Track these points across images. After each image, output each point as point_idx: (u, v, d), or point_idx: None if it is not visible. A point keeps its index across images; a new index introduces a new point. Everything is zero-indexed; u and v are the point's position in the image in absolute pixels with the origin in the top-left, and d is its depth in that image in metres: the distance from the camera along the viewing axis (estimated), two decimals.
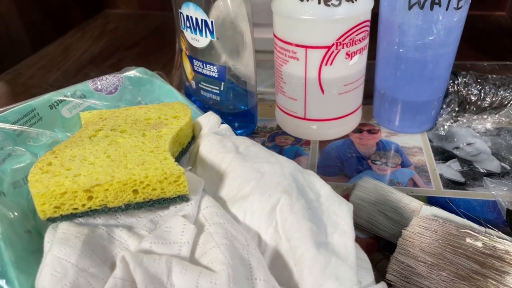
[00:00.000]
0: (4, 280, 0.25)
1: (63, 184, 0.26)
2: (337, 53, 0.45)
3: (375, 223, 0.38)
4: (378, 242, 0.39)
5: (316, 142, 0.52)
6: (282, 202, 0.27)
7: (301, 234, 0.26)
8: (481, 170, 0.46)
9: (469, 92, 0.51)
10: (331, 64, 0.45)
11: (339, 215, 0.28)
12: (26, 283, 0.25)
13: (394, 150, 0.50)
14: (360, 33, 0.45)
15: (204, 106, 0.53)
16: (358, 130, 0.54)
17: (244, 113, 0.54)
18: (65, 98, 0.40)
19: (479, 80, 0.51)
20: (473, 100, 0.51)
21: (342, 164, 0.48)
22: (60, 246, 0.24)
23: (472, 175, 0.46)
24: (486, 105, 0.51)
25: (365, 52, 0.48)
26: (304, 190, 0.29)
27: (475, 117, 0.52)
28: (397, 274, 0.33)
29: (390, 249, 0.37)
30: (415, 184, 0.45)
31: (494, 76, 0.52)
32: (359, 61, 0.47)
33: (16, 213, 0.30)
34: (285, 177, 0.29)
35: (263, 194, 0.28)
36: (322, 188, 0.30)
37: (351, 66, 0.46)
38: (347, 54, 0.45)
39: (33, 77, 0.75)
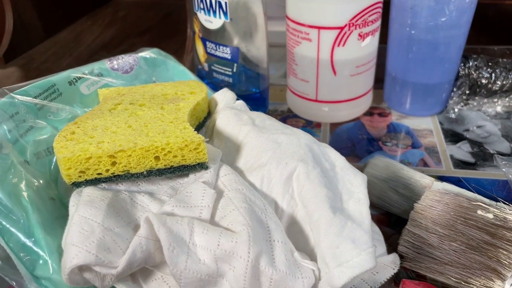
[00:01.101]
0: (32, 240, 0.26)
1: (88, 149, 0.27)
2: (350, 34, 0.45)
3: (387, 200, 0.39)
4: (389, 218, 0.39)
5: (327, 125, 0.52)
6: (298, 170, 0.28)
7: (318, 200, 0.27)
8: (491, 151, 0.47)
9: (480, 75, 0.51)
10: (343, 45, 0.46)
11: (354, 184, 0.29)
12: (53, 244, 0.26)
13: (405, 132, 0.51)
14: (373, 14, 0.45)
15: (217, 89, 0.54)
16: (369, 113, 0.54)
17: (255, 96, 0.54)
18: (83, 76, 0.41)
19: (490, 64, 0.52)
20: (483, 83, 0.51)
21: (353, 146, 0.49)
22: (86, 207, 0.25)
23: (482, 156, 0.46)
24: (497, 88, 0.52)
25: (377, 34, 0.48)
26: (319, 160, 0.30)
27: (485, 100, 0.52)
28: (409, 246, 0.33)
29: (400, 224, 0.38)
30: (425, 165, 0.46)
31: (505, 60, 0.52)
32: (371, 43, 0.47)
33: (41, 181, 0.30)
34: (301, 147, 0.30)
35: (280, 163, 0.29)
36: (337, 159, 0.31)
37: (363, 48, 0.47)
38: (359, 35, 0.46)
39: (46, 62, 0.76)
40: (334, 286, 0.24)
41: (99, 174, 0.28)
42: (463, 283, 0.31)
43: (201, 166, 0.29)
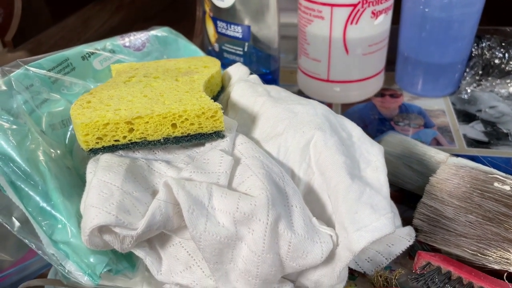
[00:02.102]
0: (50, 204, 0.26)
1: (105, 116, 0.27)
2: (363, 11, 0.45)
3: (401, 176, 0.39)
4: (403, 195, 0.39)
5: (338, 106, 0.52)
6: (316, 138, 0.28)
7: (336, 166, 0.27)
8: (505, 131, 0.46)
9: (493, 55, 0.51)
10: (356, 23, 0.45)
11: (371, 153, 0.29)
12: (71, 208, 0.26)
13: (417, 112, 0.50)
14: None
15: None
16: (380, 94, 0.54)
17: (266, 77, 0.54)
18: (96, 51, 0.41)
19: (503, 44, 0.51)
20: (496, 64, 0.51)
21: (365, 126, 0.49)
22: (105, 172, 0.25)
23: (496, 135, 0.46)
24: (510, 69, 0.51)
25: (390, 12, 0.48)
26: (336, 129, 0.30)
27: (498, 81, 0.52)
28: (424, 218, 0.33)
29: (414, 201, 0.37)
30: (438, 144, 0.45)
31: None
32: (384, 21, 0.47)
33: (58, 151, 0.31)
34: (318, 116, 0.30)
35: (297, 131, 0.29)
36: (353, 129, 0.30)
37: (376, 26, 0.47)
38: (372, 13, 0.45)
39: (54, 46, 0.76)
40: (353, 250, 0.24)
41: (116, 140, 0.28)
42: (479, 255, 0.31)
43: (218, 134, 0.29)
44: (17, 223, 0.25)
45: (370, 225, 0.24)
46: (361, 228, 0.24)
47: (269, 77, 0.54)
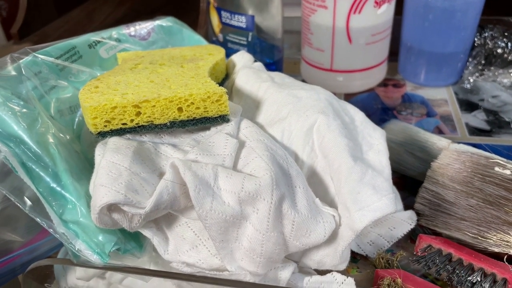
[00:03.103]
0: (61, 184, 0.27)
1: (113, 99, 0.28)
2: (366, 1, 0.45)
3: (403, 163, 0.39)
4: (405, 182, 0.40)
5: (341, 95, 0.53)
6: (319, 122, 0.29)
7: (338, 149, 0.27)
8: (507, 119, 0.47)
9: (496, 45, 0.51)
10: (359, 12, 0.46)
11: (374, 137, 0.30)
12: (81, 189, 0.27)
13: (420, 101, 0.51)
14: None
15: None
16: (383, 84, 0.54)
17: (270, 67, 0.54)
18: (102, 40, 0.41)
19: (505, 34, 0.51)
20: (499, 53, 0.51)
21: (368, 115, 0.48)
22: (113, 153, 0.26)
23: (498, 123, 0.46)
24: None
25: (393, 2, 0.48)
26: (339, 114, 0.30)
27: (500, 71, 0.52)
28: (426, 202, 0.34)
29: (416, 187, 0.38)
30: (440, 132, 0.46)
31: None
32: (387, 11, 0.47)
33: (67, 136, 0.31)
34: (321, 100, 0.30)
35: (301, 115, 0.29)
36: (356, 114, 0.31)
37: (379, 16, 0.47)
38: (376, 2, 0.45)
39: (59, 39, 0.76)
40: (355, 229, 0.25)
41: (124, 124, 0.28)
42: (479, 238, 0.31)
43: (223, 118, 0.29)
44: (29, 202, 0.26)
45: (372, 204, 0.25)
46: (363, 207, 0.25)
47: (273, 68, 0.54)
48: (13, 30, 0.77)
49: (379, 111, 0.50)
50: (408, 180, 0.40)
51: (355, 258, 0.33)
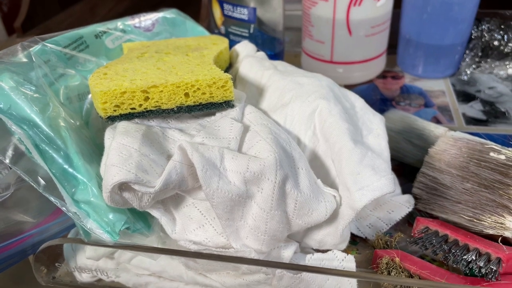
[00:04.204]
0: (73, 165, 0.28)
1: (122, 84, 0.29)
2: None
3: (401, 151, 0.40)
4: (403, 169, 0.41)
5: (341, 87, 0.54)
6: (321, 107, 0.30)
7: (339, 132, 0.28)
8: (503, 110, 0.48)
9: (492, 37, 0.52)
10: (359, 4, 0.47)
11: (373, 122, 0.31)
12: (92, 170, 0.28)
13: (418, 93, 0.52)
14: None
15: None
16: (382, 76, 0.55)
17: (271, 59, 0.55)
18: (108, 30, 0.42)
19: (502, 27, 0.53)
20: (496, 46, 0.52)
21: None
22: (123, 136, 0.27)
23: (494, 113, 0.47)
24: (509, 51, 0.52)
25: None
26: (340, 99, 0.31)
27: (497, 63, 0.53)
28: (423, 187, 0.35)
29: (414, 174, 0.39)
30: (438, 122, 0.47)
31: None
32: (386, 3, 0.48)
33: (77, 122, 0.32)
34: (323, 87, 0.31)
35: (303, 101, 0.30)
36: (356, 100, 0.32)
37: (378, 8, 0.48)
38: None
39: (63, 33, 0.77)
40: (355, 208, 0.26)
41: (132, 109, 0.29)
42: (475, 220, 0.32)
43: (228, 104, 0.30)
44: (42, 182, 0.27)
45: (371, 184, 0.26)
46: (363, 187, 0.26)
47: (274, 59, 0.55)
48: (16, 24, 0.78)
49: (378, 102, 0.51)
50: (407, 167, 0.41)
51: (355, 240, 0.34)
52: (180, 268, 0.30)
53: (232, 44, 0.54)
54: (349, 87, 0.53)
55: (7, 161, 0.27)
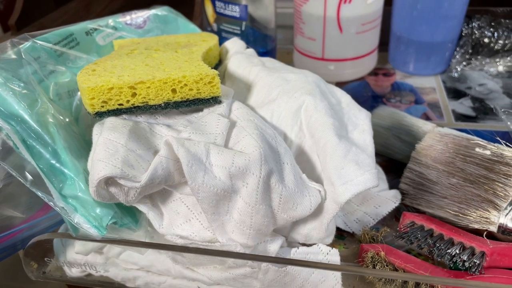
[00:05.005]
0: (60, 161, 0.28)
1: (110, 81, 0.29)
2: None
3: (390, 147, 0.41)
4: (391, 165, 0.41)
5: (332, 84, 0.54)
6: (307, 103, 0.30)
7: (324, 127, 0.28)
8: (491, 106, 0.48)
9: (483, 35, 0.52)
10: (349, 2, 0.47)
11: (359, 118, 0.31)
12: (79, 166, 0.28)
13: (408, 90, 0.52)
14: None
15: None
16: (374, 73, 0.55)
17: (262, 56, 0.56)
18: (99, 27, 0.42)
19: (492, 24, 0.53)
20: (486, 43, 0.53)
21: (358, 103, 0.51)
22: (110, 131, 0.27)
23: (483, 110, 0.48)
24: (499, 48, 0.53)
25: None
26: (326, 96, 0.31)
27: (487, 60, 0.53)
28: (410, 182, 0.35)
29: (402, 170, 0.40)
30: (428, 118, 0.47)
31: (507, 20, 0.53)
32: (377, 1, 0.49)
33: (66, 119, 0.32)
34: (309, 83, 0.31)
35: (290, 97, 0.31)
36: (343, 96, 0.32)
37: (369, 5, 0.48)
38: None
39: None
40: (339, 202, 0.26)
41: (120, 104, 0.30)
42: (460, 215, 0.33)
43: (215, 100, 0.31)
44: (30, 177, 0.27)
45: (355, 179, 0.26)
46: (347, 182, 0.26)
47: (266, 57, 0.56)
48: (11, 22, 0.78)
49: (369, 99, 0.51)
50: (395, 163, 0.41)
51: (342, 235, 0.35)
52: (167, 262, 0.30)
53: (223, 41, 0.55)
54: (341, 84, 0.54)
55: None
